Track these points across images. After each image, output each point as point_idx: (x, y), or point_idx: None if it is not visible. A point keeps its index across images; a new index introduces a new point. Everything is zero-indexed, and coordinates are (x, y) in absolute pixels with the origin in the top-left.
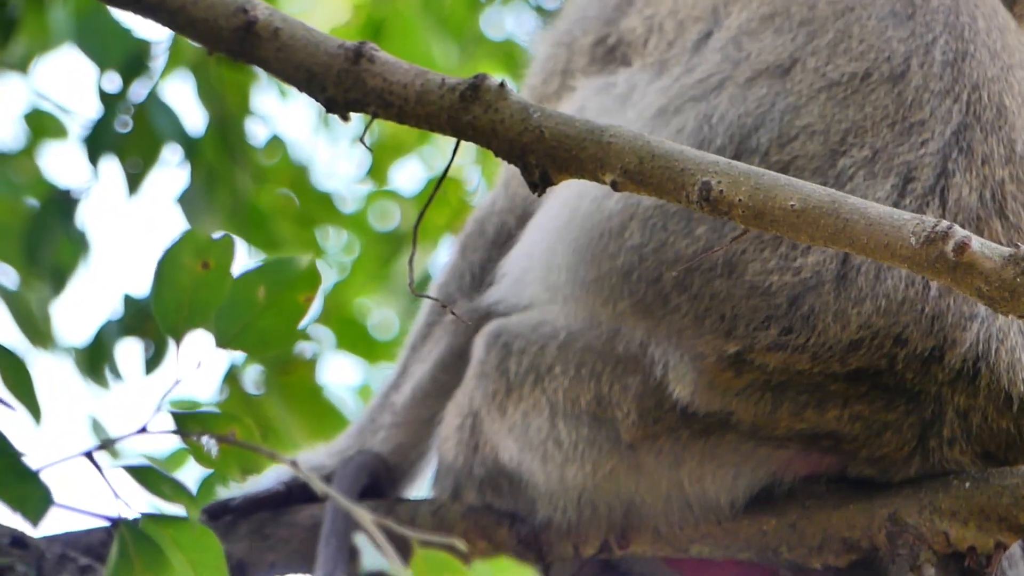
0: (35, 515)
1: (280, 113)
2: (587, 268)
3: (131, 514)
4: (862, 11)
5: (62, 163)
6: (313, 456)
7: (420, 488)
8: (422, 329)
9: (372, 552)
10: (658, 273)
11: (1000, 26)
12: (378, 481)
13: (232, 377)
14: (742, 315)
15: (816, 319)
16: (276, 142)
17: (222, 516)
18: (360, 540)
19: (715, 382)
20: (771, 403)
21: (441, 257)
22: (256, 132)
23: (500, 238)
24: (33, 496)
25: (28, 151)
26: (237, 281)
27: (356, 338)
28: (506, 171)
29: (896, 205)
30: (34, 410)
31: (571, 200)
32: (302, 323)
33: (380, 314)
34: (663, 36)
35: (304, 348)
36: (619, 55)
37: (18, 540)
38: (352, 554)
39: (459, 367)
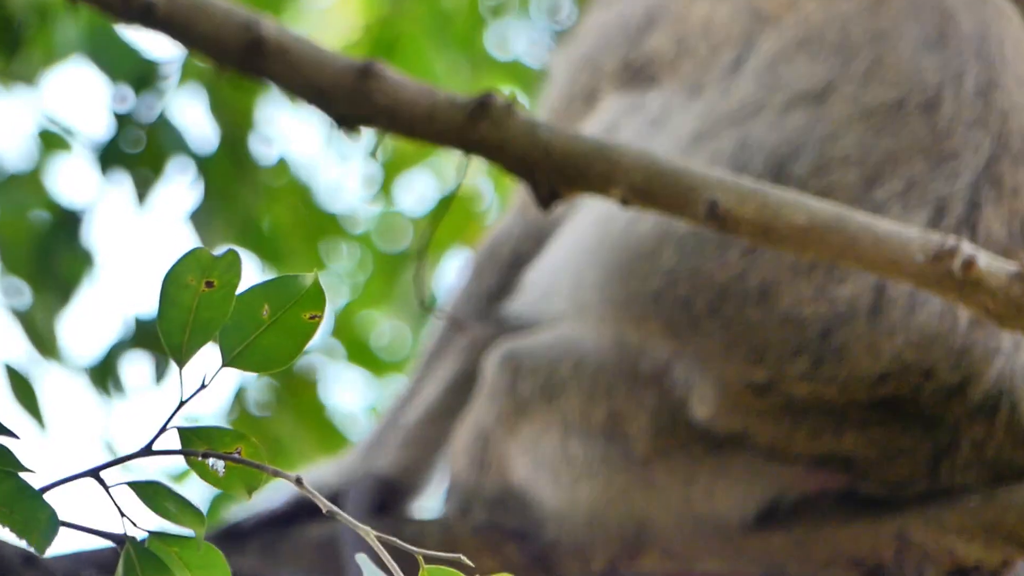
0: (40, 541)
1: (289, 131)
2: (618, 288)
3: (139, 533)
4: (894, 38)
5: (71, 180)
6: (320, 473)
7: (430, 506)
8: (433, 351)
9: (373, 570)
10: (690, 297)
11: None
12: (387, 501)
13: (240, 395)
14: (773, 345)
15: (848, 352)
16: (285, 160)
17: (236, 538)
18: (360, 559)
19: (737, 404)
20: (790, 425)
21: (448, 273)
22: (265, 150)
23: (516, 264)
24: (39, 519)
25: (37, 169)
26: (241, 299)
27: (366, 355)
28: (522, 197)
29: None
30: (40, 423)
31: (602, 220)
32: (310, 340)
33: (391, 332)
34: (695, 58)
35: (312, 366)
36: (646, 75)
37: (28, 559)
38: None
39: (468, 389)
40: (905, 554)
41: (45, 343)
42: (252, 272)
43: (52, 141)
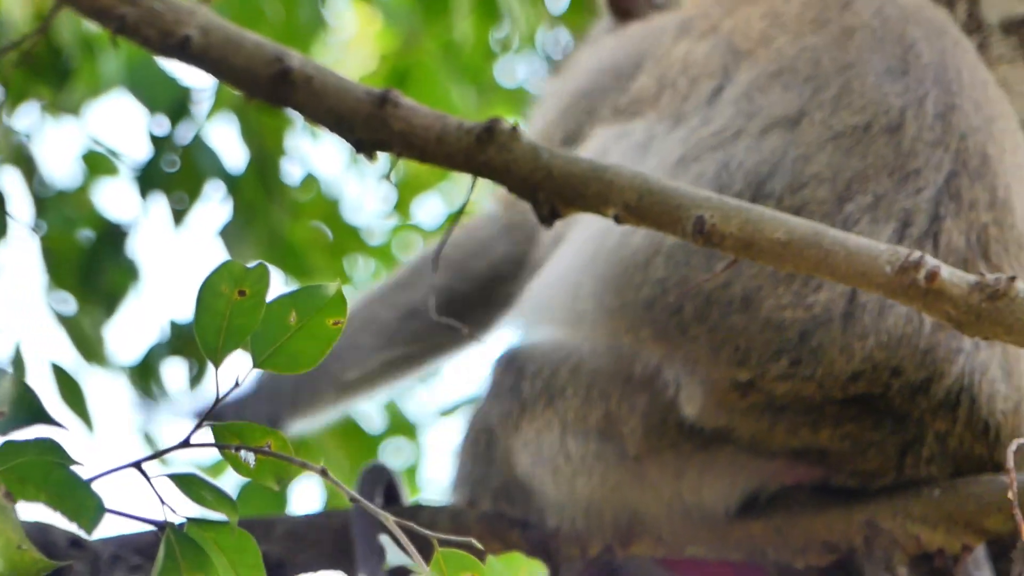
0: (89, 524)
1: (313, 153)
2: (612, 297)
3: (177, 519)
4: (861, 67)
5: (114, 199)
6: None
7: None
8: (384, 321)
9: (396, 551)
10: (679, 304)
11: (982, 80)
12: (391, 488)
13: None
14: (755, 347)
15: (823, 352)
16: (310, 180)
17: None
18: (385, 540)
19: (722, 402)
20: (770, 422)
21: None
22: (291, 171)
23: (492, 280)
24: (87, 506)
25: (83, 188)
26: (270, 307)
27: None
28: (508, 217)
29: None
30: (87, 421)
31: (597, 235)
32: (331, 344)
33: None
34: (676, 92)
35: None
36: (631, 111)
37: (75, 542)
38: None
39: (401, 375)
40: (874, 540)
41: (90, 348)
42: (279, 283)
43: (97, 163)
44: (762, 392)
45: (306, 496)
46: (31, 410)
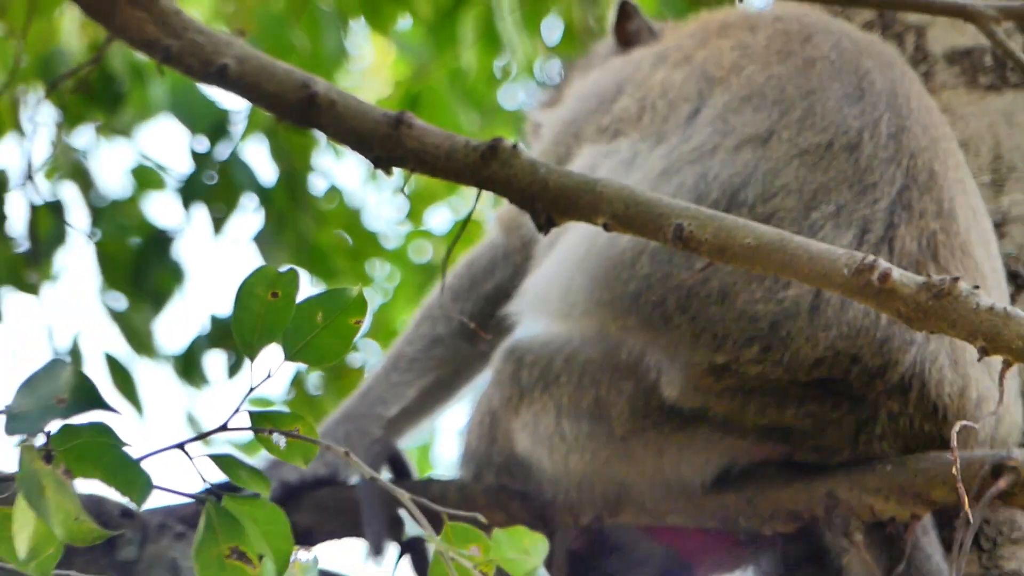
0: (138, 498)
1: (337, 168)
2: (602, 291)
3: (215, 494)
4: (822, 93)
5: (161, 209)
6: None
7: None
8: (410, 354)
9: (411, 524)
10: (662, 297)
11: (927, 105)
12: (395, 463)
13: (298, 381)
14: (731, 335)
15: (791, 341)
16: (333, 191)
17: (294, 495)
18: (402, 514)
19: (699, 385)
20: (741, 402)
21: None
22: (317, 184)
23: (497, 299)
24: (137, 482)
25: (133, 199)
26: (300, 307)
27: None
28: (507, 242)
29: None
30: (138, 407)
31: (588, 236)
32: (354, 340)
33: None
34: (657, 113)
35: (355, 358)
36: (613, 130)
37: (127, 513)
38: (394, 523)
39: (442, 396)
40: (833, 510)
41: (140, 341)
42: (306, 284)
43: (145, 177)
44: (735, 375)
45: None
46: (88, 397)
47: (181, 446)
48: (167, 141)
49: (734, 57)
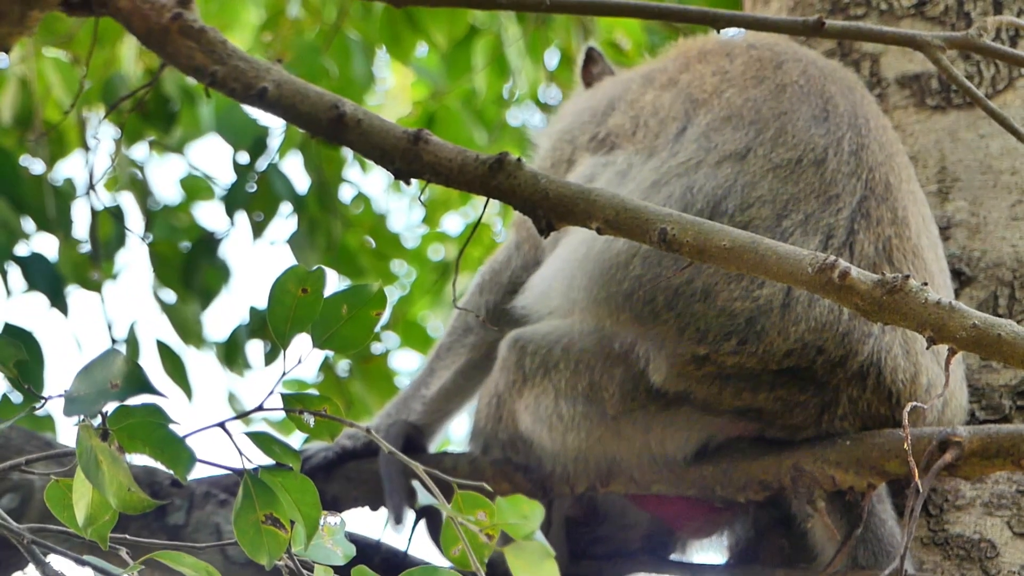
0: (183, 472)
1: (363, 179)
2: (599, 289)
3: (252, 467)
4: (792, 114)
5: (208, 214)
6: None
7: (446, 444)
8: (447, 344)
9: (424, 493)
10: (652, 295)
11: (883, 125)
12: (411, 440)
13: (327, 367)
14: (712, 329)
15: (765, 334)
16: (360, 198)
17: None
18: (416, 484)
19: (683, 372)
20: (719, 387)
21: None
22: (345, 192)
23: (512, 291)
24: (182, 457)
25: (185, 206)
26: (327, 301)
27: (416, 337)
28: (517, 236)
29: None
30: (187, 390)
31: (587, 240)
32: (375, 330)
33: (433, 321)
34: (649, 130)
35: (377, 347)
36: (608, 142)
37: (175, 482)
38: (410, 493)
39: (474, 375)
40: (799, 480)
41: (188, 332)
42: (335, 282)
43: (194, 186)
44: (715, 364)
45: None
46: (138, 382)
47: (222, 424)
48: (213, 155)
49: (715, 81)
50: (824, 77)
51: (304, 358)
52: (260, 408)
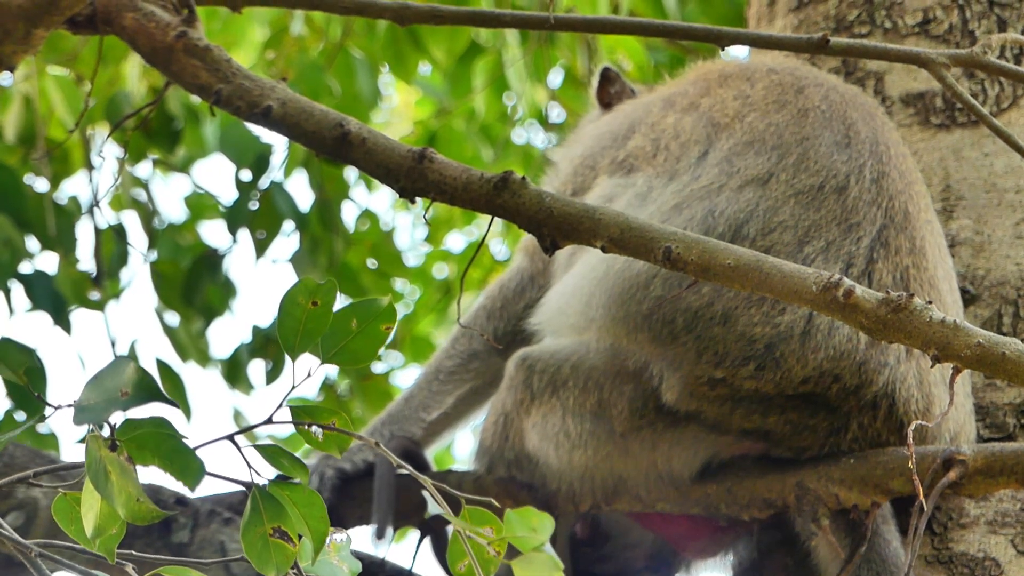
0: (192, 483)
1: (368, 198)
2: (618, 308)
3: (261, 481)
4: (814, 140)
5: (211, 232)
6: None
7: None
8: (450, 367)
9: (433, 506)
10: (672, 317)
11: (903, 153)
12: (413, 456)
13: (327, 387)
14: (730, 353)
15: (784, 361)
16: (367, 215)
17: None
18: (426, 497)
19: (696, 392)
20: (731, 408)
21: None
22: (347, 210)
23: (525, 316)
24: (192, 468)
25: (189, 224)
26: (337, 315)
27: (424, 355)
28: (532, 267)
29: None
30: (186, 409)
31: (607, 259)
32: (384, 345)
33: (439, 339)
34: (670, 153)
35: (378, 366)
36: (628, 165)
37: (180, 500)
38: (408, 511)
39: (476, 402)
40: (803, 498)
41: (188, 351)
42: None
43: (198, 204)
44: (730, 387)
45: None
46: (148, 391)
47: (231, 437)
48: (218, 173)
49: (736, 105)
50: (845, 103)
51: (313, 371)
52: (270, 421)
